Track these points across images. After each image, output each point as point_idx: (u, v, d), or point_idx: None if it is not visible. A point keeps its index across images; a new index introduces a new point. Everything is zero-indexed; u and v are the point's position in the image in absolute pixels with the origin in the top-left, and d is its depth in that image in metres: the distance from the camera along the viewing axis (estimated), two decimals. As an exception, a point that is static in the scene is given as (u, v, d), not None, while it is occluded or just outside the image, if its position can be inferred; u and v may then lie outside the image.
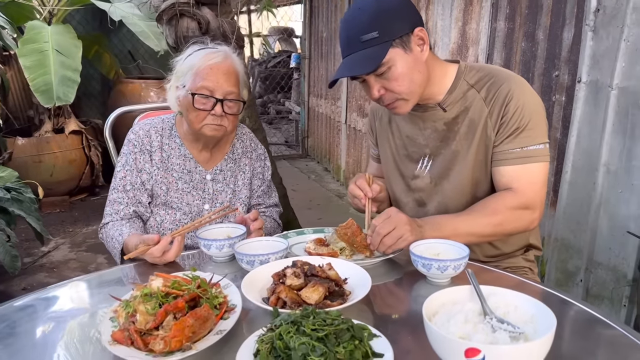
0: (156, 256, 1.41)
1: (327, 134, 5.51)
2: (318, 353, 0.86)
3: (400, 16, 1.40)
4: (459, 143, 1.51)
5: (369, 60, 1.38)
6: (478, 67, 1.54)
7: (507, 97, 1.44)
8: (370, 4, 1.40)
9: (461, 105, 1.50)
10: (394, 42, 1.38)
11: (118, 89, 5.14)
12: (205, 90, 1.60)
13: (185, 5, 2.30)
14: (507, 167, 1.44)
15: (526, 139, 1.43)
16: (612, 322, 1.08)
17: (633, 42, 2.04)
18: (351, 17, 1.43)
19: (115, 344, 0.98)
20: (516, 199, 1.41)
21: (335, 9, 5.07)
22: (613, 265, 2.20)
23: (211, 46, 1.70)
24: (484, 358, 0.82)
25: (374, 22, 1.37)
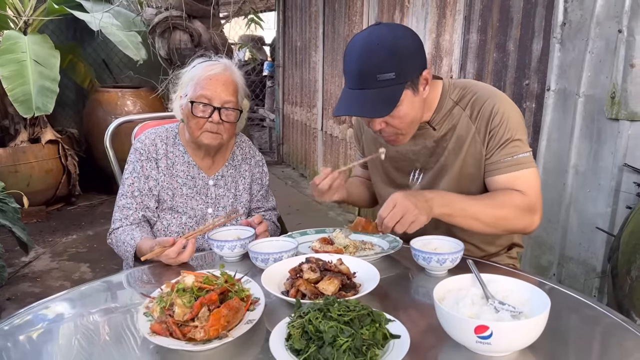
0: (172, 257, 1.49)
1: (303, 141, 5.63)
2: (346, 334, 0.97)
3: (416, 57, 1.44)
4: (447, 158, 1.59)
5: (385, 103, 1.40)
6: (460, 84, 1.61)
7: (492, 113, 1.52)
8: (388, 41, 1.39)
9: (449, 123, 1.58)
10: (407, 84, 1.42)
11: (94, 98, 5.14)
12: (204, 98, 1.70)
13: (178, 18, 2.39)
14: (501, 175, 1.51)
15: (514, 148, 1.51)
16: (593, 303, 1.23)
17: (597, 53, 2.23)
18: (367, 50, 1.40)
19: (155, 335, 1.07)
20: (524, 200, 1.48)
21: (309, 19, 5.21)
22: (583, 259, 2.38)
23: (213, 59, 1.80)
24: (492, 333, 0.95)
25: (393, 62, 1.38)
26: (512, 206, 1.48)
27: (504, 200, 1.49)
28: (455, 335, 1.01)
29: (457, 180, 1.59)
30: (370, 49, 1.40)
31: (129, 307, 1.32)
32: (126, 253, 1.70)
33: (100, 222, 4.65)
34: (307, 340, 1.00)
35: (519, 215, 1.49)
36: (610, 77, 2.16)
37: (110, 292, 1.48)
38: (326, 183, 1.56)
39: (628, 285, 1.74)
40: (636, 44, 2.06)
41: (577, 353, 1.08)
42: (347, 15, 4.43)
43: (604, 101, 2.21)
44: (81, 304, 1.36)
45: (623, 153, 2.15)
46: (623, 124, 2.13)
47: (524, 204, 1.49)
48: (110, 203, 5.17)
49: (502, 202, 1.49)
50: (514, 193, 1.50)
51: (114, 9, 4.52)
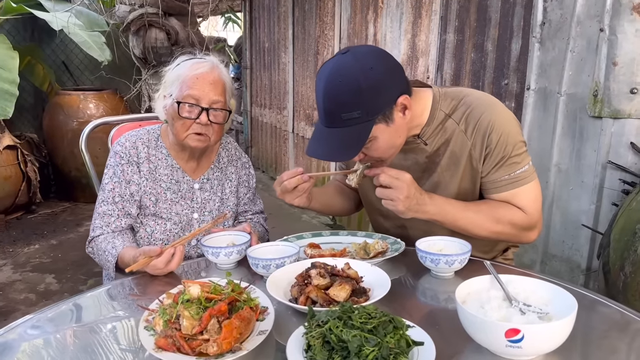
0: (159, 268, 1.40)
1: (273, 144, 5.55)
2: (372, 343, 0.92)
3: (385, 90, 1.34)
4: (440, 175, 1.52)
5: (352, 143, 1.33)
6: (451, 94, 1.52)
7: (488, 128, 1.44)
8: (351, 76, 1.30)
9: (441, 137, 1.50)
10: (377, 119, 1.33)
11: (55, 101, 4.92)
12: (191, 98, 1.61)
13: (154, 15, 2.29)
14: (500, 194, 1.47)
15: (512, 165, 1.45)
16: (606, 301, 1.22)
17: (578, 52, 2.25)
18: (330, 87, 1.32)
19: (161, 351, 0.99)
20: (524, 218, 1.46)
21: (278, 20, 5.14)
22: (567, 256, 2.40)
23: (199, 57, 1.71)
24: (523, 337, 0.92)
25: (358, 100, 1.30)
26: (510, 223, 1.46)
27: (502, 216, 1.46)
28: (483, 339, 0.97)
29: (451, 197, 1.51)
30: (333, 86, 1.32)
31: (124, 320, 1.23)
32: (107, 263, 1.60)
33: (64, 231, 4.45)
34: (329, 351, 0.94)
35: (516, 232, 1.48)
36: (592, 76, 2.18)
37: (100, 305, 1.37)
38: (292, 182, 1.48)
39: (622, 281, 1.75)
40: (618, 43, 2.08)
41: (603, 352, 1.05)
42: (318, 16, 4.38)
43: (586, 99, 2.23)
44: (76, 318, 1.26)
45: (606, 150, 2.17)
46: (606, 122, 2.16)
47: (524, 222, 1.47)
48: (74, 210, 4.99)
49: (499, 219, 1.46)
50: (513, 209, 1.46)
51: (75, 9, 4.34)
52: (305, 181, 1.49)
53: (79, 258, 3.87)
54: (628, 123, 2.13)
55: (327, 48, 4.29)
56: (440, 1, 3.08)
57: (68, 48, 5.38)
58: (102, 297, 1.40)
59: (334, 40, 4.17)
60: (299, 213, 4.70)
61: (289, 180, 1.48)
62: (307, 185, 1.51)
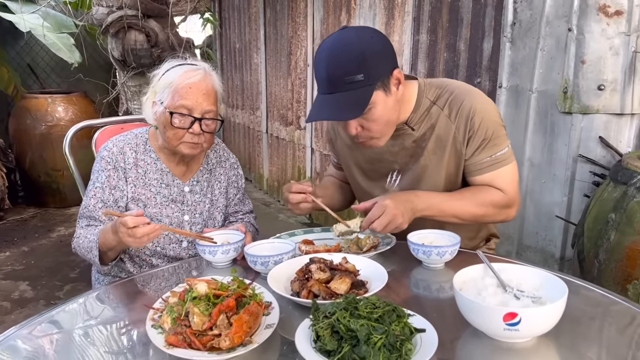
0: (129, 226, 1.38)
1: (247, 144, 5.55)
2: (379, 331, 0.96)
3: (384, 58, 1.44)
4: (427, 158, 1.60)
5: (356, 105, 1.41)
6: (436, 83, 1.63)
7: (470, 112, 1.54)
8: (354, 44, 1.40)
9: (427, 123, 1.59)
10: (377, 85, 1.42)
11: (21, 105, 4.81)
12: (184, 109, 1.60)
13: (134, 18, 2.28)
14: (483, 175, 1.57)
15: (493, 147, 1.55)
16: (591, 286, 1.30)
17: (548, 51, 2.35)
18: (333, 55, 1.42)
19: (172, 348, 1.01)
20: (503, 198, 1.56)
21: (249, 20, 5.15)
22: (541, 247, 2.51)
23: (190, 62, 1.70)
24: (520, 320, 0.98)
25: (360, 64, 1.38)
26: (491, 205, 1.56)
27: (483, 199, 1.55)
28: (482, 324, 1.03)
29: (437, 181, 1.61)
30: (337, 53, 1.41)
31: (128, 321, 1.25)
32: (90, 244, 1.58)
33: (35, 237, 4.36)
34: (338, 340, 0.98)
35: (497, 212, 1.58)
36: (561, 73, 2.29)
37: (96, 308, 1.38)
38: (296, 198, 1.58)
39: (596, 268, 1.85)
40: (586, 42, 2.19)
41: (591, 331, 1.13)
42: (290, 16, 4.41)
43: (556, 96, 2.33)
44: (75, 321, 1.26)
45: (577, 145, 2.28)
46: (576, 117, 2.26)
47: (503, 201, 1.57)
48: (44, 216, 4.89)
49: (482, 201, 1.55)
50: (492, 191, 1.56)
51: (42, 10, 4.26)
52: (308, 202, 1.58)
53: (53, 264, 3.81)
54: (596, 118, 2.24)
55: (300, 48, 4.33)
56: (413, 2, 3.15)
57: (33, 50, 5.26)
58: (94, 301, 1.40)
59: (306, 41, 4.20)
60: (274, 213, 4.73)
61: (293, 196, 1.57)
62: (309, 206, 1.59)
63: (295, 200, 1.57)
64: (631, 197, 1.78)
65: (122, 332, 1.18)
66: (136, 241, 1.41)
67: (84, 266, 3.75)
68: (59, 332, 1.20)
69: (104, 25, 2.39)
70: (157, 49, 2.48)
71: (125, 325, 1.23)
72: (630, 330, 1.15)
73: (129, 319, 1.27)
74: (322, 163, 4.27)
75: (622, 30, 2.14)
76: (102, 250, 1.57)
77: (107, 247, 1.55)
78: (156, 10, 2.46)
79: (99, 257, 1.57)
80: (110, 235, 1.50)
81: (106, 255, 1.59)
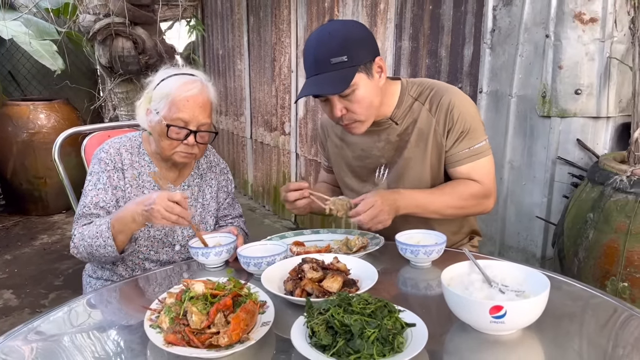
0: (174, 199, 1.46)
1: (231, 150, 5.56)
2: (373, 326, 1.01)
3: (366, 45, 1.57)
4: (411, 150, 1.70)
5: (340, 81, 1.52)
6: (418, 82, 1.75)
7: (449, 107, 1.65)
8: (339, 31, 1.55)
9: (410, 118, 1.70)
10: (360, 68, 1.53)
11: (2, 112, 4.76)
12: (180, 121, 1.63)
13: (121, 25, 2.30)
14: (462, 166, 1.66)
15: (471, 139, 1.66)
16: (572, 281, 1.36)
17: (527, 57, 2.43)
18: (320, 40, 1.56)
19: (171, 346, 1.04)
20: (481, 189, 1.65)
21: (232, 27, 5.18)
22: (522, 247, 2.57)
23: (186, 72, 1.72)
24: (506, 312, 1.03)
25: (344, 47, 1.51)
26: (470, 196, 1.65)
27: (462, 192, 1.65)
28: (469, 318, 1.08)
29: (421, 172, 1.70)
30: (323, 38, 1.56)
31: (125, 323, 1.27)
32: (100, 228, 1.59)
33: (17, 245, 4.32)
34: (332, 335, 1.02)
35: (476, 203, 1.67)
36: (540, 78, 2.36)
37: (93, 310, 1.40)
38: (293, 196, 1.64)
39: (576, 266, 1.92)
40: (563, 48, 2.27)
41: (573, 324, 1.18)
42: (274, 23, 4.46)
43: (535, 100, 2.41)
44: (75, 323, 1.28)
45: (555, 147, 2.36)
46: (554, 121, 2.34)
47: (481, 192, 1.66)
48: (26, 224, 4.84)
49: (461, 195, 1.65)
50: (471, 184, 1.66)
51: (23, 17, 4.24)
52: (305, 197, 1.64)
53: (36, 272, 3.78)
54: (574, 121, 2.31)
55: (284, 55, 4.37)
56: (395, 10, 3.22)
57: (14, 57, 5.23)
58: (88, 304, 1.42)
59: (290, 47, 4.25)
60: (260, 218, 4.75)
61: (291, 193, 1.64)
62: (305, 202, 1.65)
63: (292, 197, 1.63)
64: (608, 196, 1.85)
65: (119, 334, 1.21)
66: (166, 216, 1.45)
67: (69, 274, 3.74)
68: (55, 335, 1.22)
69: (92, 33, 2.41)
70: (144, 56, 2.50)
71: (122, 326, 1.25)
72: (608, 322, 1.21)
73: (126, 320, 1.29)
74: (306, 168, 4.31)
75: (597, 36, 2.23)
76: (114, 234, 1.57)
77: (121, 224, 1.55)
78: (143, 17, 2.48)
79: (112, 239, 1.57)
80: (132, 205, 1.53)
81: (117, 239, 1.58)
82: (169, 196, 1.46)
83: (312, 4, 3.97)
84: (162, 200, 1.45)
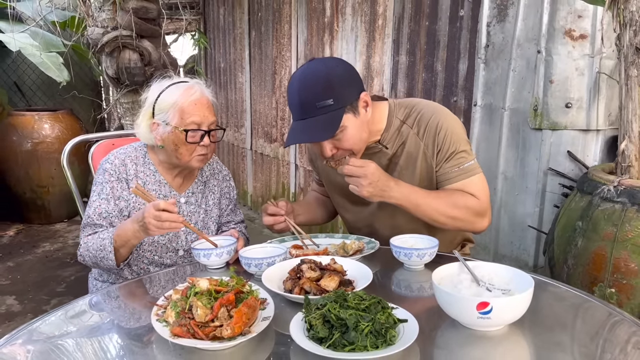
0: (160, 207, 1.49)
1: (231, 161, 5.65)
2: (367, 320, 1.08)
3: (349, 84, 1.59)
4: (400, 173, 1.72)
5: (328, 127, 1.54)
6: (405, 104, 1.76)
7: (437, 129, 1.67)
8: (322, 72, 1.56)
9: (399, 141, 1.72)
10: (347, 109, 1.55)
11: (8, 122, 4.85)
12: (195, 125, 1.70)
13: (128, 38, 2.39)
14: (454, 184, 1.67)
15: (460, 159, 1.67)
16: (557, 283, 1.43)
17: (519, 71, 2.52)
18: (304, 82, 1.57)
19: (177, 338, 1.11)
20: (477, 203, 1.64)
21: (233, 41, 5.28)
22: (515, 256, 2.64)
23: (180, 79, 1.79)
24: (492, 309, 1.09)
25: (329, 90, 1.53)
26: (465, 208, 1.64)
27: (458, 203, 1.64)
28: (457, 314, 1.15)
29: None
30: (307, 81, 1.57)
31: (132, 318, 1.34)
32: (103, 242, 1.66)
33: (20, 253, 4.37)
34: (329, 329, 1.08)
35: (471, 217, 1.66)
36: (532, 92, 2.45)
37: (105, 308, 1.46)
38: (268, 221, 1.76)
39: (565, 273, 1.98)
40: (554, 63, 2.35)
41: (557, 322, 1.25)
42: (274, 37, 4.56)
43: (527, 114, 2.49)
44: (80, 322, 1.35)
45: (547, 159, 2.44)
46: (546, 133, 2.42)
47: (477, 207, 1.65)
48: (28, 232, 4.90)
49: (456, 204, 1.64)
50: (468, 196, 1.66)
51: (30, 30, 4.35)
52: (281, 222, 1.74)
53: (39, 279, 3.83)
54: (565, 134, 2.40)
55: (284, 68, 4.47)
56: (393, 25, 3.32)
57: (20, 69, 5.33)
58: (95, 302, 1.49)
59: (291, 61, 4.35)
60: (259, 228, 4.81)
61: (267, 218, 1.76)
62: (283, 225, 1.74)
63: (268, 222, 1.75)
64: (596, 206, 1.93)
65: (126, 328, 1.27)
66: (158, 225, 1.50)
67: (71, 281, 3.79)
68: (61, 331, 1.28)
69: (100, 45, 2.50)
70: (150, 68, 2.59)
71: (129, 321, 1.32)
72: (590, 321, 1.28)
73: (132, 316, 1.36)
74: (305, 179, 4.39)
75: (587, 52, 2.32)
76: (116, 247, 1.64)
77: (122, 240, 1.62)
78: (150, 30, 2.57)
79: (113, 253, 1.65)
80: (129, 224, 1.59)
81: (119, 253, 1.66)
82: (155, 206, 1.50)
83: (312, 19, 4.08)
84: (149, 213, 1.51)
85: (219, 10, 5.52)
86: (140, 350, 1.17)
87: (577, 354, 1.11)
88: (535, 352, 1.14)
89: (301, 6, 4.18)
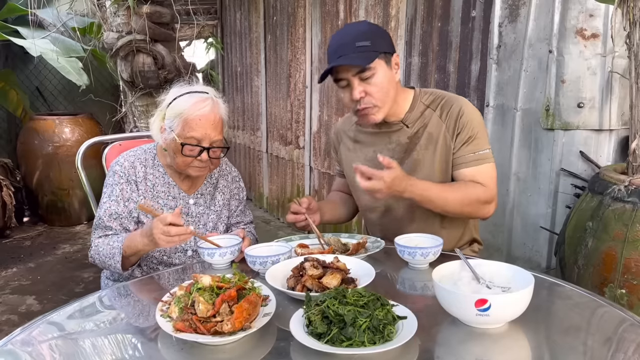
0: (167, 222, 1.50)
1: (247, 164, 5.69)
2: (364, 315, 1.09)
3: (386, 39, 1.74)
4: (420, 153, 1.80)
5: (363, 58, 1.65)
6: (430, 91, 1.87)
7: (459, 113, 1.77)
8: (363, 24, 1.78)
9: (420, 122, 1.80)
10: (381, 55, 1.67)
11: (30, 126, 4.97)
12: (194, 140, 1.71)
13: (142, 42, 2.44)
14: (467, 169, 1.75)
15: (477, 145, 1.76)
16: (562, 282, 1.42)
17: (531, 72, 2.50)
18: (345, 30, 1.75)
19: (179, 332, 1.13)
20: (485, 192, 1.71)
21: (250, 45, 5.34)
22: (528, 257, 2.62)
23: (198, 89, 1.79)
24: (490, 306, 1.10)
25: (368, 34, 1.68)
26: (475, 198, 1.72)
27: (468, 193, 1.72)
28: (456, 311, 1.15)
29: (429, 175, 1.78)
30: (348, 28, 1.77)
31: (138, 314, 1.37)
32: (113, 250, 1.70)
33: (41, 254, 4.47)
34: (327, 325, 1.10)
35: (480, 206, 1.74)
36: (544, 92, 2.43)
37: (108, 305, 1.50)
38: (290, 218, 1.82)
39: (576, 274, 1.97)
40: (565, 63, 2.34)
41: (560, 320, 1.25)
42: (289, 41, 4.60)
43: (539, 114, 2.47)
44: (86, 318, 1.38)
45: (559, 159, 2.41)
46: (558, 133, 2.40)
47: (485, 196, 1.73)
48: (49, 234, 5.01)
49: (466, 195, 1.72)
50: (476, 186, 1.73)
51: (51, 35, 4.45)
52: (301, 220, 1.79)
53: (58, 279, 3.91)
54: (577, 134, 2.37)
55: (299, 71, 4.50)
56: (405, 27, 3.32)
57: (42, 74, 5.46)
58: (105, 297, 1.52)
59: (305, 64, 4.38)
60: (274, 230, 4.84)
61: (290, 216, 1.83)
62: (304, 224, 1.80)
63: (289, 219, 1.83)
64: (607, 205, 1.91)
65: (132, 324, 1.30)
66: (168, 239, 1.53)
67: (89, 281, 3.86)
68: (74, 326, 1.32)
69: (114, 49, 2.55)
70: (163, 71, 2.63)
71: (134, 316, 1.35)
72: (593, 320, 1.27)
73: (139, 311, 1.39)
74: (320, 181, 4.40)
75: (599, 52, 2.30)
76: (125, 255, 1.68)
77: (132, 250, 1.66)
78: (163, 35, 2.62)
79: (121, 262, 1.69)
80: (138, 237, 1.63)
81: (128, 260, 1.71)
82: (162, 220, 1.52)
83: (325, 22, 4.10)
84: (158, 229, 1.52)
85: (235, 15, 5.58)
86: (145, 345, 1.20)
87: (577, 354, 1.11)
88: (536, 350, 1.14)
89: (315, 9, 4.21)
